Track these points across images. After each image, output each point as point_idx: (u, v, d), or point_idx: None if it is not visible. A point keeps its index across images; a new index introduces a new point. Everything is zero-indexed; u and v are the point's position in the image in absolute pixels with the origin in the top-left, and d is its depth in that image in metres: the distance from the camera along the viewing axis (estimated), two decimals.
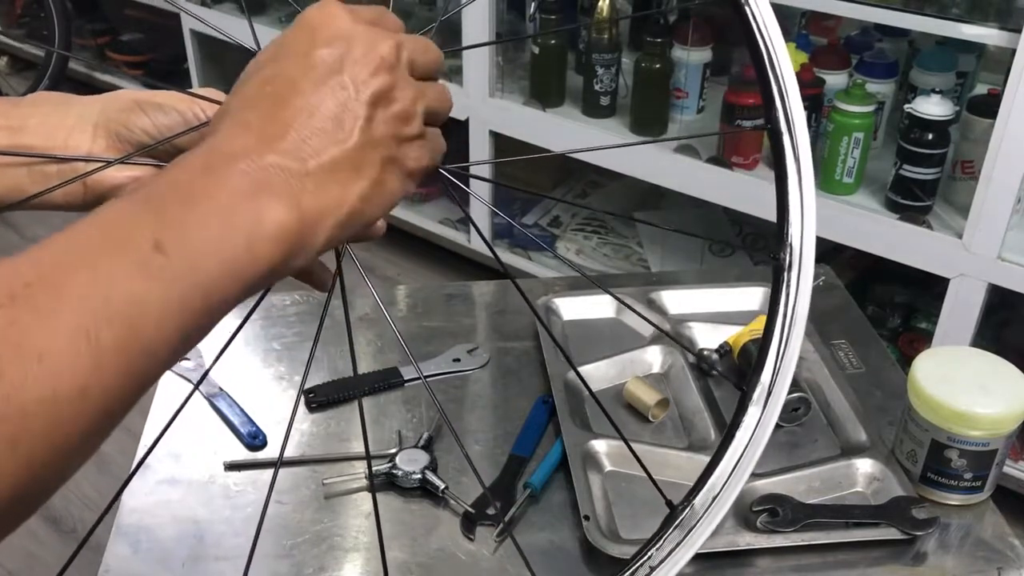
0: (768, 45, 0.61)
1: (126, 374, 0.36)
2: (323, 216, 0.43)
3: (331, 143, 0.44)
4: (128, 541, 0.86)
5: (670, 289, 1.18)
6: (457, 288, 1.24)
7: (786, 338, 0.65)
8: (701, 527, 0.66)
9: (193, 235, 0.39)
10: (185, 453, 0.95)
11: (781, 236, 0.63)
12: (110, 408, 0.35)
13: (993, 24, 1.62)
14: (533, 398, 1.02)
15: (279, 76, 0.46)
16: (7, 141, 0.59)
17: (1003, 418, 0.85)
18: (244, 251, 0.40)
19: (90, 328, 0.34)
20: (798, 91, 0.63)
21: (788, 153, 0.63)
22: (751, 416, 0.65)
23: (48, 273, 0.35)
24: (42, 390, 0.33)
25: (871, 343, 1.12)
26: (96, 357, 0.34)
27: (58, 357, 0.33)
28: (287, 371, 1.08)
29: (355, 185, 0.45)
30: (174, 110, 0.61)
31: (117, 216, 0.38)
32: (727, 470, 0.66)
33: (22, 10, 3.75)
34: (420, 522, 0.88)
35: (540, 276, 2.31)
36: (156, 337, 0.37)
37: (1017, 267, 1.69)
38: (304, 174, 0.43)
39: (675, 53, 2.14)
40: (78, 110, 0.61)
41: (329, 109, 0.44)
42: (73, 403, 0.34)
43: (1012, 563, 0.84)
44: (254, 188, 0.41)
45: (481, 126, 2.32)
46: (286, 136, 0.43)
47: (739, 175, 2.01)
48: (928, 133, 1.77)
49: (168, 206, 0.39)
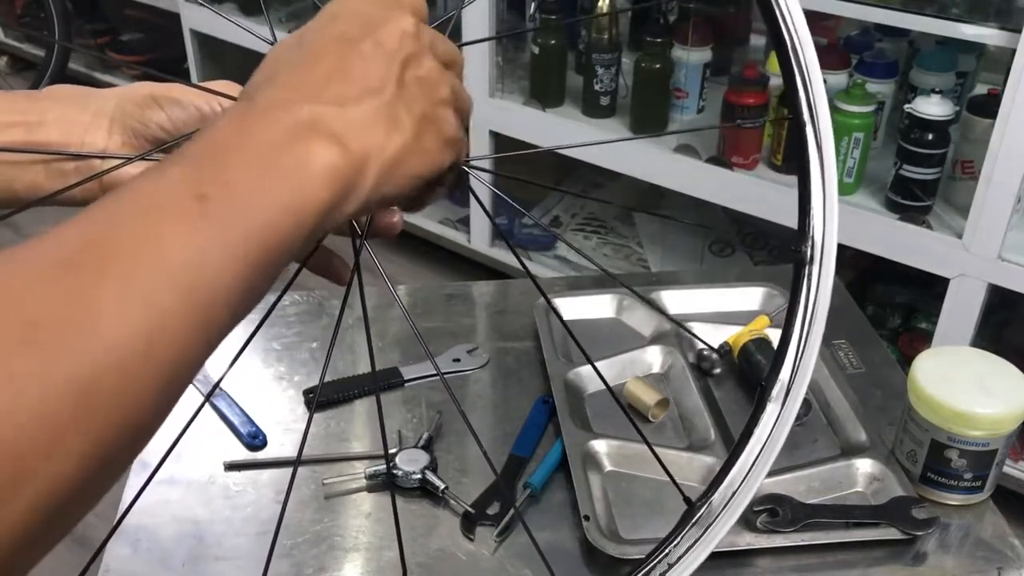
0: (792, 34, 0.60)
1: (190, 325, 0.35)
2: (368, 158, 0.43)
3: (366, 95, 0.44)
4: (128, 541, 0.86)
5: (670, 289, 1.18)
6: (457, 288, 1.24)
7: (806, 334, 0.63)
8: (719, 525, 0.65)
9: (237, 182, 0.38)
10: (185, 453, 0.95)
11: (802, 229, 0.62)
12: (178, 361, 0.34)
13: (993, 24, 1.62)
14: (533, 398, 1.02)
15: (305, 46, 0.45)
16: (25, 138, 0.58)
17: (1003, 418, 0.85)
18: (295, 192, 0.39)
19: (147, 282, 0.34)
20: (822, 81, 0.61)
21: (811, 145, 0.61)
22: (769, 413, 0.64)
23: (96, 238, 0.34)
24: (107, 348, 0.32)
25: (871, 343, 1.12)
26: (157, 309, 0.33)
27: (118, 314, 0.33)
28: (287, 371, 1.08)
29: (395, 135, 0.44)
30: (192, 104, 0.61)
31: (155, 179, 0.37)
32: (745, 467, 0.65)
33: (22, 10, 3.75)
34: (420, 522, 0.88)
35: (540, 276, 2.31)
36: (216, 285, 0.36)
37: (1017, 267, 1.69)
38: (344, 119, 0.42)
39: (675, 53, 2.14)
40: (95, 105, 0.61)
41: (361, 68, 0.44)
42: (139, 358, 0.33)
43: (1012, 563, 0.84)
44: (296, 132, 0.40)
45: (481, 126, 2.32)
46: (321, 90, 0.43)
47: (739, 175, 2.01)
48: (928, 133, 1.77)
49: (206, 161, 0.39)
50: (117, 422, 0.32)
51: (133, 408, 0.33)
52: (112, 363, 0.32)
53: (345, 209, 0.42)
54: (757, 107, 2.01)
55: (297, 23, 2.77)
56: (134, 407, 0.33)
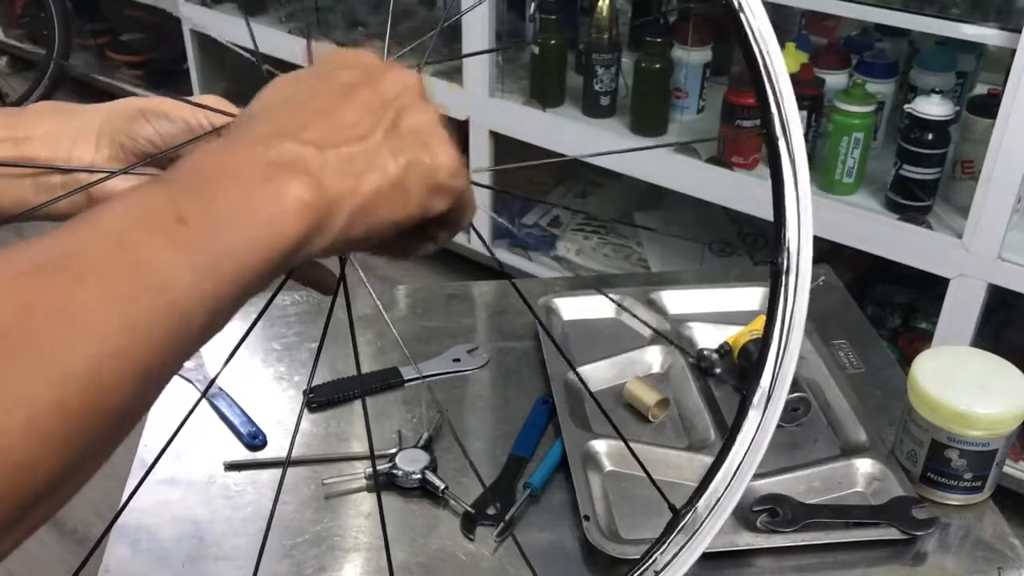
0: (763, 51, 0.62)
1: (161, 338, 0.36)
2: (341, 199, 0.43)
3: (349, 140, 0.45)
4: (128, 541, 0.86)
5: (670, 289, 1.18)
6: (457, 288, 1.24)
7: (785, 342, 0.65)
8: (705, 530, 0.66)
9: (215, 209, 0.39)
10: (185, 453, 0.95)
11: (778, 241, 0.64)
12: (148, 371, 0.35)
13: (993, 24, 1.62)
14: (533, 398, 1.02)
15: (302, 86, 0.47)
16: (12, 153, 0.59)
17: (1003, 418, 0.85)
18: (267, 225, 0.40)
19: (122, 292, 0.35)
20: (793, 96, 0.63)
21: (784, 158, 0.63)
22: (751, 420, 0.66)
23: (78, 246, 0.35)
24: (81, 352, 0.33)
25: (871, 343, 1.12)
26: (130, 319, 0.34)
27: (92, 320, 0.33)
28: (287, 371, 1.08)
29: (371, 177, 0.45)
30: (180, 118, 0.61)
31: (138, 199, 0.39)
32: (729, 473, 0.66)
33: (22, 10, 3.76)
34: (420, 522, 0.88)
35: (540, 276, 2.31)
36: (189, 301, 0.37)
37: (1017, 267, 1.69)
38: (322, 161, 0.43)
39: (675, 53, 2.14)
40: (81, 120, 0.61)
41: (351, 115, 0.45)
42: (111, 364, 0.34)
43: (1012, 563, 0.84)
44: (274, 167, 0.42)
45: (481, 126, 2.32)
46: (304, 129, 0.44)
47: (739, 175, 2.01)
48: (928, 133, 1.77)
49: (189, 185, 0.40)
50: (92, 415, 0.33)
51: (105, 406, 0.34)
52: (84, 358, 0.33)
53: (314, 246, 0.43)
54: (757, 107, 2.00)
55: (297, 23, 2.77)
56: (106, 405, 0.34)
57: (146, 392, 0.36)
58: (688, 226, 2.40)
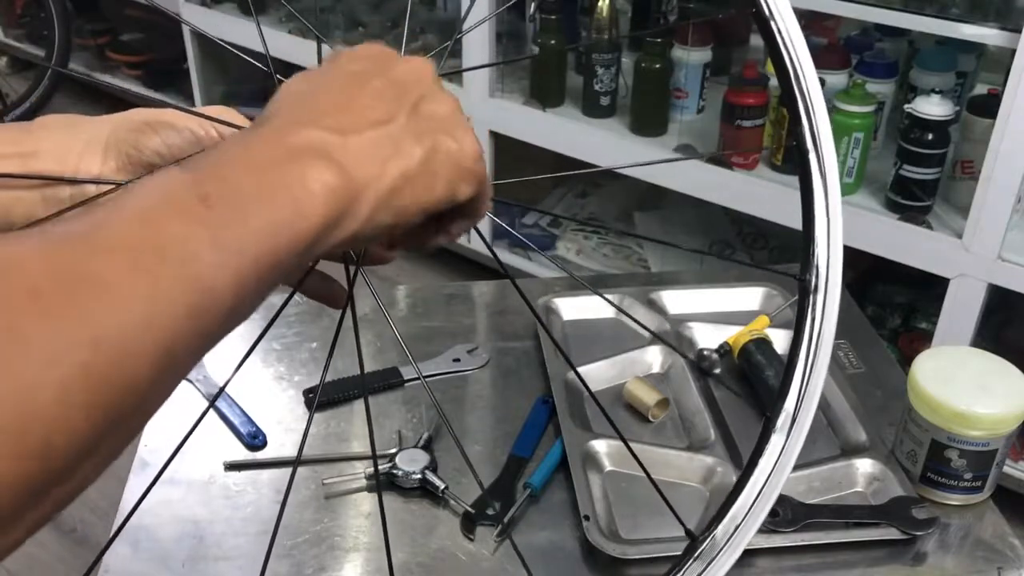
0: (795, 62, 0.60)
1: (187, 314, 0.36)
2: (367, 184, 0.43)
3: (370, 126, 0.44)
4: (128, 541, 0.85)
5: (670, 289, 1.18)
6: (457, 288, 1.24)
7: (811, 364, 0.63)
8: (722, 558, 0.63)
9: (238, 190, 0.39)
10: (185, 453, 0.95)
11: (807, 258, 0.61)
12: (173, 346, 0.35)
13: (993, 24, 1.62)
14: (533, 398, 1.02)
15: (316, 81, 0.47)
16: (20, 169, 0.59)
17: (1003, 418, 0.85)
18: (291, 207, 0.40)
19: (147, 264, 0.35)
20: (825, 109, 0.62)
21: (815, 172, 0.61)
22: (774, 444, 0.63)
23: (104, 220, 0.36)
24: (110, 319, 0.33)
25: (871, 343, 1.12)
26: (154, 289, 0.35)
27: (120, 288, 0.34)
28: (287, 371, 1.08)
29: (396, 162, 0.45)
30: (186, 128, 0.61)
31: (161, 181, 0.39)
32: (749, 499, 0.63)
33: (22, 10, 3.75)
34: (420, 522, 0.88)
35: (540, 276, 2.31)
36: (212, 277, 0.37)
37: (1017, 267, 1.69)
38: (344, 147, 0.43)
39: (675, 53, 2.14)
40: (88, 133, 0.61)
41: (368, 101, 0.45)
42: (137, 334, 0.34)
43: (1012, 563, 0.84)
44: (298, 151, 0.42)
45: (481, 126, 2.32)
46: (323, 117, 0.44)
47: (739, 175, 2.01)
48: (928, 133, 1.77)
49: (212, 168, 0.40)
50: (119, 385, 0.33)
51: (131, 377, 0.34)
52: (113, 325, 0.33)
53: (340, 231, 0.43)
54: (757, 107, 2.01)
55: (297, 23, 2.77)
56: (132, 375, 0.34)
57: (168, 372, 0.36)
58: (688, 226, 2.40)
